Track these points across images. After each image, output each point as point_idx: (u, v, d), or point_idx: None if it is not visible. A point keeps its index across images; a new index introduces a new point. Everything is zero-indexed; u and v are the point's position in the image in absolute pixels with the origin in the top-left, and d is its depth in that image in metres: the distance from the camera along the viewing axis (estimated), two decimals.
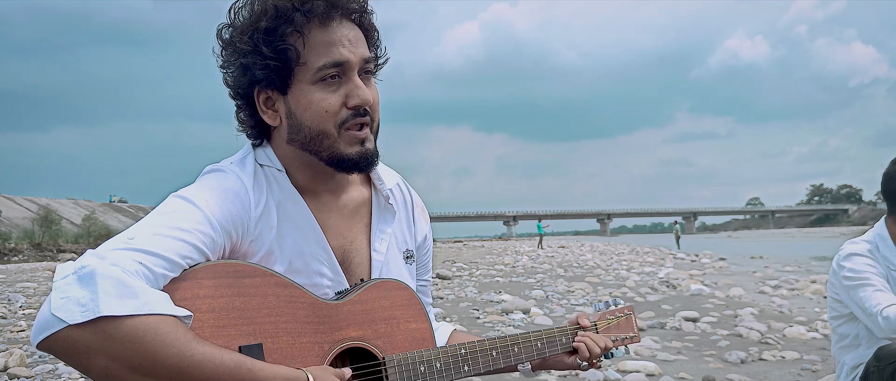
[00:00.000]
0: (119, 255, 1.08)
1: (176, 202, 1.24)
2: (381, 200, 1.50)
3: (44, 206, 46.95)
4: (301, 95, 1.30)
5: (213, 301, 1.15)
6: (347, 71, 1.30)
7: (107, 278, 1.03)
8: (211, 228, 1.21)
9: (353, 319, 1.33)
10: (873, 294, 2.56)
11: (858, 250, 2.73)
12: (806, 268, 17.77)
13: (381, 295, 1.39)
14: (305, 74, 1.29)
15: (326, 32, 1.29)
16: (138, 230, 1.16)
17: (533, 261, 20.52)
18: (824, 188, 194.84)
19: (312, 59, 1.28)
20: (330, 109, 1.30)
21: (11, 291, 11.81)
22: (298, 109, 1.31)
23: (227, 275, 1.19)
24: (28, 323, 7.29)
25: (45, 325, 1.02)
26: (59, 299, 1.02)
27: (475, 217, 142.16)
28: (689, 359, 5.53)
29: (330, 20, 1.30)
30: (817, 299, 10.17)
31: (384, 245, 1.47)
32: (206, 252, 1.19)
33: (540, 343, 1.61)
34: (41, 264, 24.28)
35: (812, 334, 6.68)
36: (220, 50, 1.34)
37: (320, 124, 1.30)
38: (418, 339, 1.41)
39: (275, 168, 1.37)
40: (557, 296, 10.31)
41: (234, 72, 1.33)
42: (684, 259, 22.68)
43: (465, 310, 8.55)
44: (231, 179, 1.31)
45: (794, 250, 30.99)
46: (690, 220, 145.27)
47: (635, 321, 1.84)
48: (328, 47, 1.29)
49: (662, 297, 10.25)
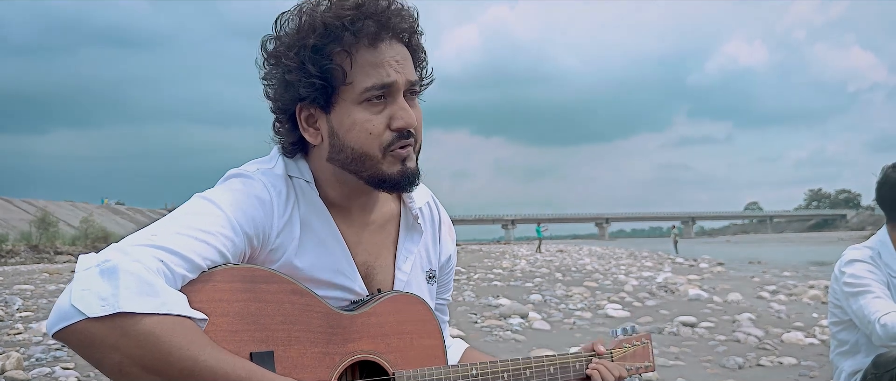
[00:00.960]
0: (142, 251, 1.08)
1: (200, 203, 1.23)
2: (409, 218, 1.49)
3: (41, 208, 46.89)
4: (345, 116, 1.28)
5: (229, 306, 1.15)
6: (393, 93, 1.28)
7: (129, 274, 1.03)
8: (233, 232, 1.20)
9: (366, 331, 1.32)
10: (872, 301, 2.56)
11: (860, 256, 2.73)
12: (804, 273, 17.77)
13: (396, 308, 1.37)
14: (350, 94, 1.27)
15: (375, 53, 1.26)
16: (161, 228, 1.15)
17: (531, 265, 20.51)
18: (823, 193, 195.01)
19: (359, 80, 1.26)
20: (374, 130, 1.27)
21: (8, 293, 11.77)
22: (341, 130, 1.29)
23: (245, 280, 1.18)
24: (25, 326, 7.27)
25: (63, 315, 1.01)
26: (79, 291, 1.02)
27: (473, 221, 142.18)
28: (687, 365, 5.53)
29: (379, 41, 1.27)
30: (815, 304, 10.17)
31: (409, 264, 1.46)
32: (227, 256, 1.18)
33: (553, 368, 1.56)
34: (38, 267, 24.23)
35: (810, 339, 6.68)
36: (263, 61, 1.32)
37: (364, 146, 1.28)
38: (430, 356, 1.40)
39: (303, 180, 1.35)
40: (555, 300, 10.30)
41: (276, 86, 1.31)
42: (682, 264, 22.67)
43: (463, 314, 8.54)
44: (257, 186, 1.29)
45: (792, 256, 31.02)
46: (689, 224, 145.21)
47: (651, 351, 1.79)
48: (375, 69, 1.26)
49: (660, 302, 10.25)
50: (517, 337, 6.88)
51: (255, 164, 1.36)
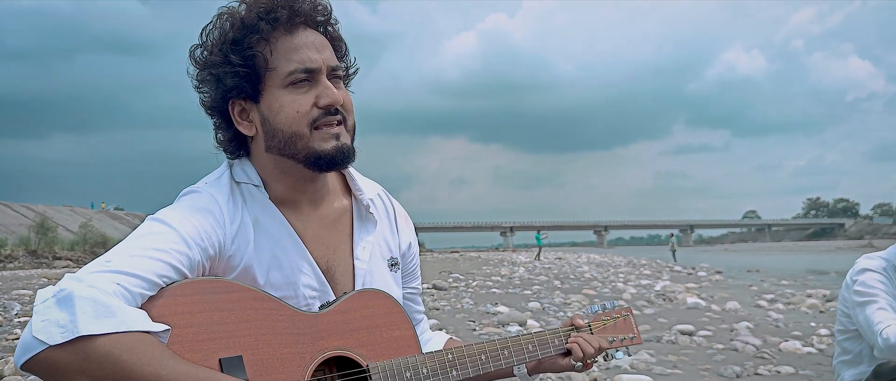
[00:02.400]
0: (97, 277, 1.12)
1: (151, 225, 1.27)
2: (361, 209, 1.53)
3: (40, 213, 46.85)
4: (273, 101, 1.35)
5: (192, 317, 1.17)
6: (317, 75, 1.35)
7: (84, 300, 1.06)
8: (187, 247, 1.24)
9: (335, 329, 1.34)
10: (877, 313, 2.56)
11: (872, 266, 2.72)
12: (802, 282, 17.76)
13: (361, 304, 1.40)
14: (275, 79, 1.34)
15: (292, 39, 1.35)
16: (116, 253, 1.19)
17: (529, 272, 20.50)
18: (821, 202, 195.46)
19: (281, 65, 1.34)
20: (301, 109, 1.34)
21: (7, 298, 11.76)
22: (271, 115, 1.35)
23: (205, 292, 1.21)
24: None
25: (27, 347, 1.05)
26: (39, 322, 1.05)
27: (472, 228, 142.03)
28: (685, 373, 5.53)
29: (295, 27, 1.36)
30: (813, 313, 10.17)
31: (367, 253, 1.50)
32: (183, 271, 1.22)
33: (531, 346, 1.60)
34: (37, 272, 24.21)
35: (808, 348, 6.68)
36: (194, 71, 1.39)
37: (293, 126, 1.34)
38: (402, 346, 1.42)
39: (252, 184, 1.40)
40: (554, 308, 10.30)
41: (207, 89, 1.38)
42: (681, 272, 22.67)
43: (462, 321, 8.54)
44: (205, 198, 1.34)
45: (790, 264, 31.01)
46: (687, 233, 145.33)
47: (634, 323, 1.81)
48: (295, 52, 1.34)
49: (659, 310, 10.25)
50: None
51: (204, 179, 1.42)
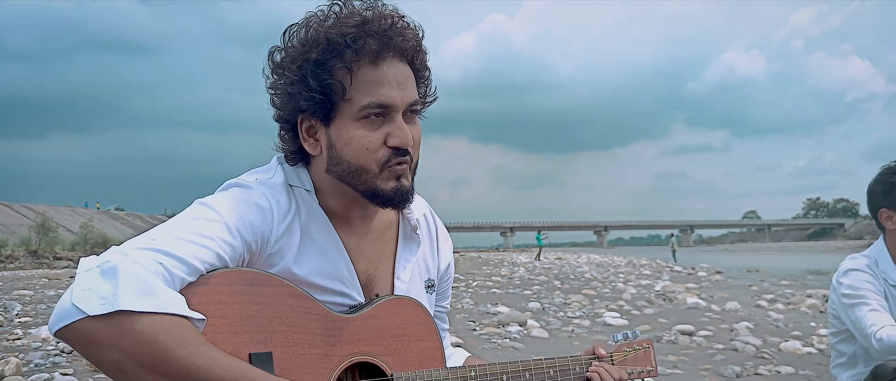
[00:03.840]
0: (142, 254, 1.11)
1: (200, 209, 1.26)
2: (407, 227, 1.51)
3: (41, 213, 46.80)
4: (343, 130, 1.30)
5: (227, 307, 1.17)
6: (392, 112, 1.30)
7: (128, 275, 1.06)
8: (231, 237, 1.23)
9: (365, 333, 1.33)
10: (868, 314, 2.56)
11: (857, 265, 2.72)
12: (802, 282, 17.73)
13: (394, 312, 1.39)
14: (349, 109, 1.29)
15: (375, 72, 1.28)
16: (161, 233, 1.18)
17: (529, 273, 20.49)
18: (821, 202, 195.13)
19: (357, 97, 1.28)
20: (370, 146, 1.30)
21: (7, 298, 11.74)
22: (339, 143, 1.31)
23: (243, 283, 1.21)
24: (24, 331, 7.26)
25: (65, 314, 1.04)
26: (81, 290, 1.05)
27: (472, 228, 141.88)
28: (685, 373, 5.54)
29: (381, 60, 1.28)
30: (813, 313, 10.17)
31: (407, 273, 1.49)
32: (225, 260, 1.21)
33: (552, 371, 1.57)
34: (37, 272, 24.15)
35: (808, 348, 6.69)
36: (269, 71, 1.35)
37: (360, 161, 1.30)
38: (429, 358, 1.41)
39: (303, 189, 1.37)
40: (554, 308, 10.30)
41: (280, 96, 1.34)
42: (681, 272, 22.65)
43: (462, 322, 8.54)
44: (256, 194, 1.31)
45: (790, 264, 30.99)
46: (687, 233, 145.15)
47: (653, 356, 1.79)
48: (375, 87, 1.28)
49: (659, 310, 10.25)
50: (515, 345, 6.89)
51: (253, 174, 1.38)
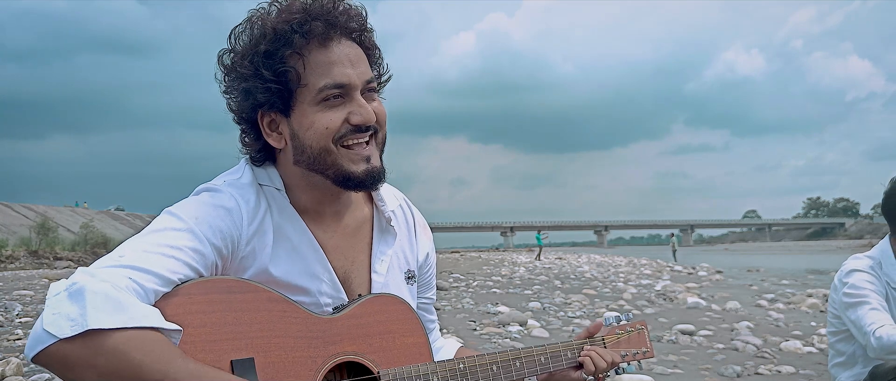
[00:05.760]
0: (109, 272, 1.11)
1: (166, 220, 1.25)
2: (382, 221, 1.50)
3: (41, 213, 46.82)
4: (304, 117, 1.30)
5: (205, 316, 1.17)
6: (350, 91, 1.31)
7: (95, 294, 1.06)
8: (201, 244, 1.22)
9: (348, 333, 1.33)
10: (868, 313, 2.56)
11: (860, 266, 2.72)
12: (802, 282, 17.75)
13: (376, 309, 1.39)
14: (307, 95, 1.29)
15: (326, 53, 1.29)
16: (129, 248, 1.18)
17: (530, 272, 20.49)
18: (821, 202, 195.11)
19: (313, 81, 1.29)
20: (331, 126, 1.30)
21: (8, 299, 11.75)
22: (301, 130, 1.31)
23: (219, 291, 1.20)
24: (25, 332, 7.27)
25: (38, 340, 1.05)
26: (50, 315, 1.05)
27: (472, 228, 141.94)
28: (686, 373, 5.54)
29: (329, 40, 1.30)
30: (814, 313, 10.17)
31: (384, 267, 1.48)
32: (197, 268, 1.21)
33: (543, 358, 1.58)
34: (38, 272, 24.18)
35: (808, 348, 6.69)
36: (222, 75, 1.35)
37: (321, 142, 1.30)
38: (415, 353, 1.41)
39: (274, 187, 1.37)
40: (554, 308, 10.30)
41: (236, 96, 1.34)
42: (681, 272, 22.63)
43: (462, 322, 8.54)
44: (224, 197, 1.31)
45: (790, 264, 31.00)
46: (687, 232, 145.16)
47: (648, 336, 1.80)
48: (328, 68, 1.29)
49: (659, 310, 10.25)
50: (516, 345, 6.88)
51: (222, 176, 1.38)
